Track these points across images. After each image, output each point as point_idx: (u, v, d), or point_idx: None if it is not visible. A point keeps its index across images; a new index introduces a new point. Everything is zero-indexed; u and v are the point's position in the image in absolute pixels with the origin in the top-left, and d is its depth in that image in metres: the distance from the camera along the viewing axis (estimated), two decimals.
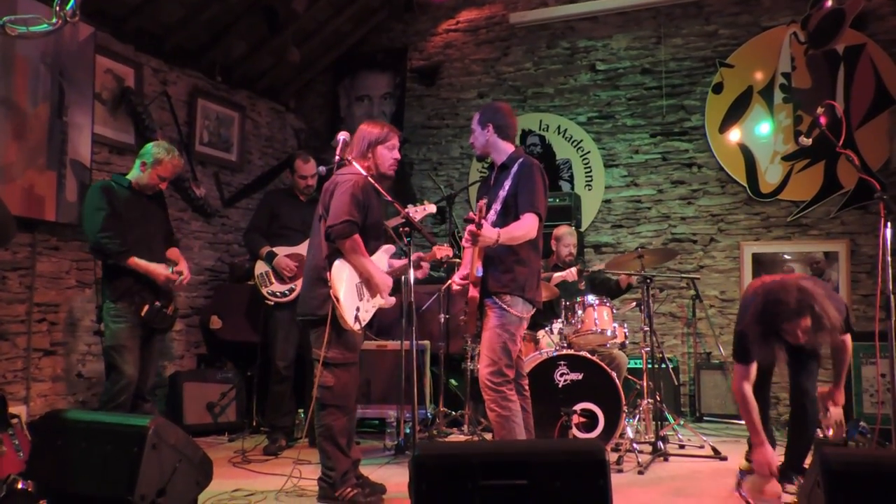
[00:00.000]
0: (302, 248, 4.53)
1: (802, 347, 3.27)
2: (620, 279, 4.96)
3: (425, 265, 3.46)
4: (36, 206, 4.24)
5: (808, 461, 3.36)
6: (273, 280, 4.67)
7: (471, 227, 3.03)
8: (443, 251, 3.59)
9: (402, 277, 3.54)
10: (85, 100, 4.59)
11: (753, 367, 3.25)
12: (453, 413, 4.79)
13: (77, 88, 4.52)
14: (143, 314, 3.72)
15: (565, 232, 5.14)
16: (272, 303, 4.65)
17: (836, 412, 3.45)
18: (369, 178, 3.23)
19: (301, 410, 4.86)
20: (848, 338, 3.36)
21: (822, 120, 3.49)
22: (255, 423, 5.06)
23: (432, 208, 3.98)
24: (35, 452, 2.92)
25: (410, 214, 3.40)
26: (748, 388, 3.22)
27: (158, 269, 3.76)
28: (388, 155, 3.34)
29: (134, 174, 3.87)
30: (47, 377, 4.41)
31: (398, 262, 3.44)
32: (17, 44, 4.08)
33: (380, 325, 5.21)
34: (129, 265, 3.68)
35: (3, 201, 3.88)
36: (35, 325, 4.33)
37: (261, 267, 4.72)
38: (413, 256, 3.26)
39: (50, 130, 4.35)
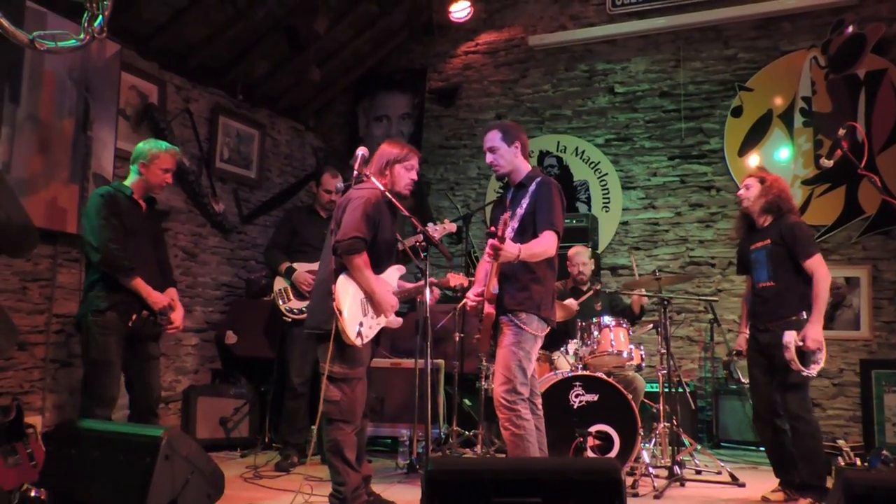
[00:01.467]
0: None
1: (772, 362, 3.69)
2: (633, 302, 4.92)
3: (436, 291, 3.43)
4: (58, 219, 4.29)
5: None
6: (291, 296, 4.69)
7: (493, 241, 3.02)
8: (457, 279, 3.58)
9: (417, 299, 3.53)
10: (109, 115, 4.67)
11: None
12: (466, 433, 4.75)
13: (102, 104, 4.60)
14: (130, 324, 3.52)
15: (576, 251, 5.13)
16: (290, 319, 4.66)
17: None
18: (386, 193, 3.24)
19: (314, 427, 4.83)
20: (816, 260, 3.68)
21: (845, 144, 3.46)
22: (267, 440, 5.05)
23: (452, 227, 3.99)
24: (49, 461, 2.93)
25: (430, 233, 3.41)
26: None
27: (159, 299, 3.59)
28: (406, 175, 3.36)
29: (133, 180, 3.68)
30: (63, 388, 4.44)
31: (409, 285, 3.43)
32: (45, 59, 4.17)
33: (394, 344, 5.20)
34: (131, 285, 3.51)
35: (27, 212, 3.94)
36: (53, 335, 4.36)
37: (280, 283, 4.74)
38: (428, 282, 3.24)
39: (74, 144, 4.42)
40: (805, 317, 3.65)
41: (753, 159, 5.81)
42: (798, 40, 5.81)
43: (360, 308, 3.19)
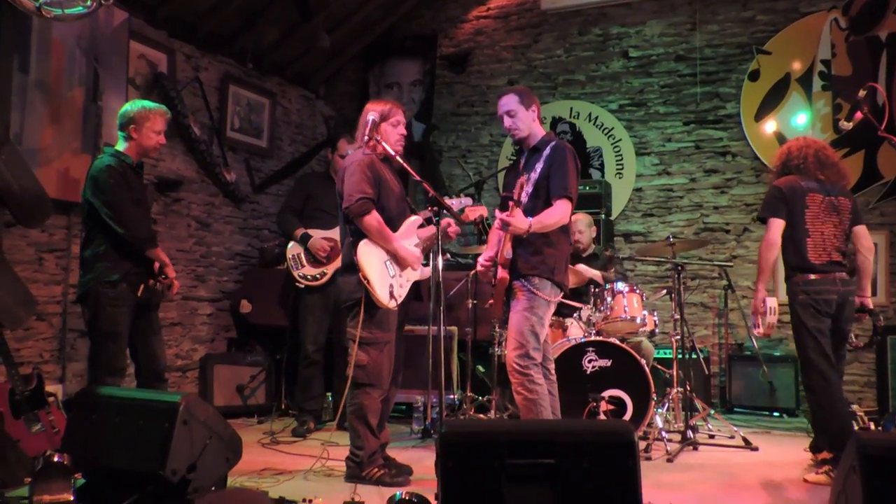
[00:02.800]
0: (335, 233, 4.54)
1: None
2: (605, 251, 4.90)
3: (454, 227, 3.40)
4: (71, 189, 4.31)
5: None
6: (305, 263, 4.69)
7: (504, 215, 3.03)
8: (476, 211, 3.55)
9: (430, 261, 3.53)
10: (119, 84, 4.65)
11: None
12: (480, 398, 4.79)
13: (111, 73, 4.58)
14: (139, 294, 3.48)
15: (576, 218, 5.03)
16: (303, 286, 4.67)
17: (772, 319, 3.69)
18: (397, 157, 3.24)
19: (329, 394, 4.89)
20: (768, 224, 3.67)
21: (866, 106, 3.39)
22: (283, 406, 5.11)
23: (468, 201, 3.95)
24: (70, 428, 2.98)
25: (441, 198, 3.39)
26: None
27: (170, 268, 3.54)
28: (393, 131, 3.34)
29: (127, 145, 3.52)
30: (82, 357, 4.49)
31: (426, 232, 3.42)
32: (53, 27, 4.15)
33: (408, 311, 5.21)
34: (154, 255, 3.48)
35: (40, 182, 3.97)
36: (70, 306, 4.40)
37: (294, 249, 4.74)
38: (442, 223, 3.24)
39: (85, 114, 4.42)
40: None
41: (770, 125, 5.72)
42: (818, 1, 5.67)
43: (385, 271, 3.22)
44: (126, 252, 3.46)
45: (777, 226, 3.64)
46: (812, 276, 3.59)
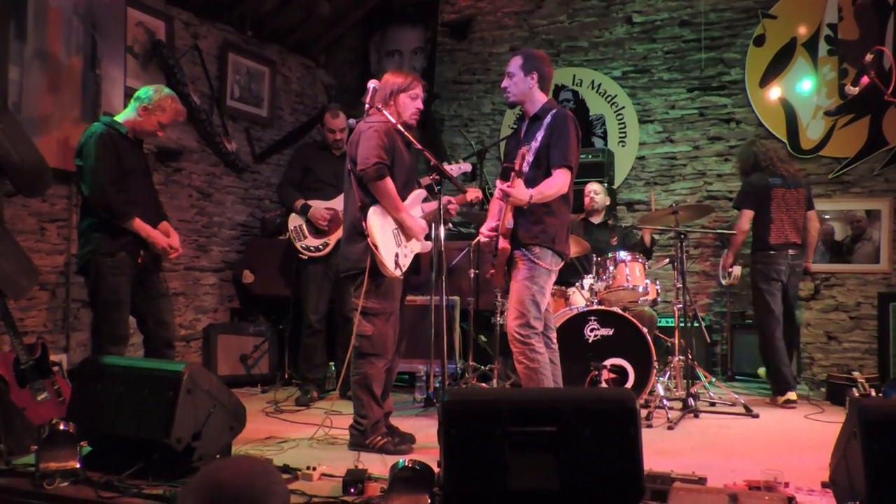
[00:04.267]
0: (335, 203, 4.53)
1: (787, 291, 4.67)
2: (643, 235, 4.92)
3: (454, 206, 3.42)
4: (71, 159, 4.24)
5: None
6: (307, 234, 4.69)
7: (504, 186, 3.02)
8: (473, 192, 3.56)
9: (432, 231, 3.53)
10: (117, 53, 4.60)
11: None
12: (482, 367, 4.81)
13: (109, 41, 4.53)
14: (140, 262, 3.51)
15: (591, 186, 5.21)
16: (306, 257, 4.67)
17: (737, 271, 4.88)
18: (398, 126, 3.21)
19: (332, 363, 4.92)
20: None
21: (871, 70, 3.34)
22: (287, 376, 5.15)
23: (467, 167, 3.95)
24: (75, 397, 3.00)
25: (443, 167, 3.39)
26: None
27: (160, 237, 3.55)
28: (411, 104, 3.31)
29: (128, 117, 3.56)
30: (86, 327, 4.51)
31: (429, 206, 3.43)
32: None
33: (410, 281, 5.21)
34: (131, 227, 3.45)
35: (40, 152, 3.94)
36: (74, 275, 4.41)
37: (295, 220, 4.73)
38: (443, 200, 3.24)
39: (83, 83, 4.38)
40: None
41: (775, 91, 5.65)
42: None
43: (393, 239, 3.22)
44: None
45: (747, 216, 4.71)
46: (770, 253, 4.62)
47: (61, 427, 2.65)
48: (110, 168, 3.41)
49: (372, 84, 3.29)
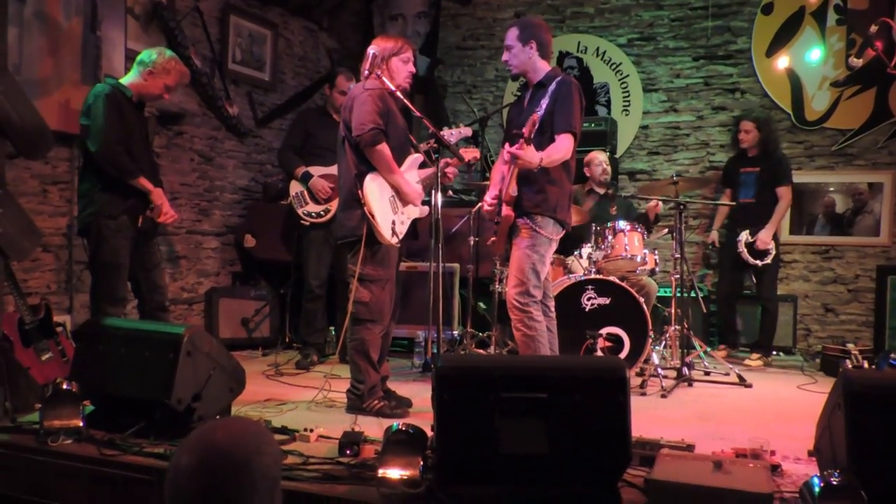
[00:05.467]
0: (335, 169, 4.53)
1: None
2: (648, 209, 4.92)
3: (451, 169, 3.43)
4: (73, 121, 4.26)
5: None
6: (308, 200, 4.71)
7: (513, 148, 3.02)
8: (470, 153, 3.54)
9: (431, 198, 3.54)
10: (117, 14, 4.56)
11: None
12: (481, 334, 4.87)
13: (109, 3, 4.49)
14: (140, 225, 3.57)
15: (594, 154, 5.14)
16: (307, 223, 4.70)
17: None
18: (397, 93, 3.20)
19: (332, 328, 4.98)
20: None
21: (878, 43, 3.31)
22: (287, 339, 5.21)
23: (467, 131, 3.94)
24: (78, 357, 3.06)
25: (445, 137, 3.39)
26: None
27: (162, 196, 3.59)
28: (403, 67, 3.31)
29: (133, 80, 3.59)
30: (89, 288, 4.56)
31: (426, 172, 3.44)
32: None
33: (410, 247, 5.25)
34: (137, 184, 3.51)
35: (40, 114, 3.94)
36: (76, 237, 4.44)
37: (296, 187, 4.75)
38: (440, 163, 3.25)
39: (84, 45, 4.35)
40: None
41: (782, 60, 5.59)
42: None
43: (389, 206, 3.24)
44: (122, 184, 3.50)
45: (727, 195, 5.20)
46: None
47: (65, 386, 2.71)
48: (116, 128, 3.45)
49: (372, 50, 3.27)
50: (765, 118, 5.27)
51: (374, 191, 3.19)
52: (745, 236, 4.90)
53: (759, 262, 4.88)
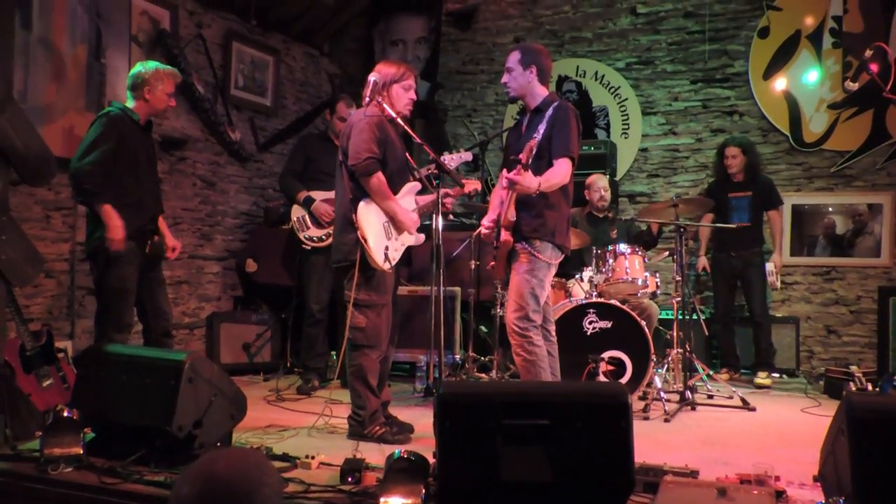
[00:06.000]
0: None
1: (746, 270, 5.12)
2: (651, 225, 4.94)
3: (450, 199, 3.43)
4: (76, 147, 4.31)
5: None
6: (310, 225, 4.73)
7: (511, 175, 3.03)
8: (471, 185, 3.57)
9: (431, 223, 3.55)
10: (122, 42, 4.62)
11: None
12: (482, 358, 4.85)
13: (114, 30, 4.55)
14: (147, 251, 3.58)
15: (595, 178, 5.13)
16: (309, 247, 4.72)
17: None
18: (397, 120, 3.23)
19: (333, 353, 4.97)
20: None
21: (873, 66, 3.35)
22: (289, 364, 5.20)
23: (468, 156, 3.96)
24: (79, 384, 3.05)
25: (445, 162, 3.41)
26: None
27: (120, 229, 3.40)
28: (404, 95, 3.34)
29: (137, 104, 3.57)
30: (91, 314, 4.56)
31: (426, 198, 3.45)
32: None
33: (411, 271, 5.26)
34: (101, 211, 3.40)
35: (44, 141, 3.97)
36: (79, 263, 4.46)
37: (298, 211, 4.77)
38: (440, 192, 3.27)
39: (88, 72, 4.41)
40: None
41: (780, 82, 5.63)
42: None
43: (383, 232, 3.24)
44: (136, 210, 3.51)
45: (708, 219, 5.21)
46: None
47: (65, 414, 2.70)
48: (107, 150, 3.42)
49: (372, 77, 3.30)
50: (749, 143, 5.31)
51: (368, 216, 3.20)
52: (771, 267, 5.13)
53: (779, 285, 5.21)
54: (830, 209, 5.54)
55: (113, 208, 3.42)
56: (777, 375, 5.15)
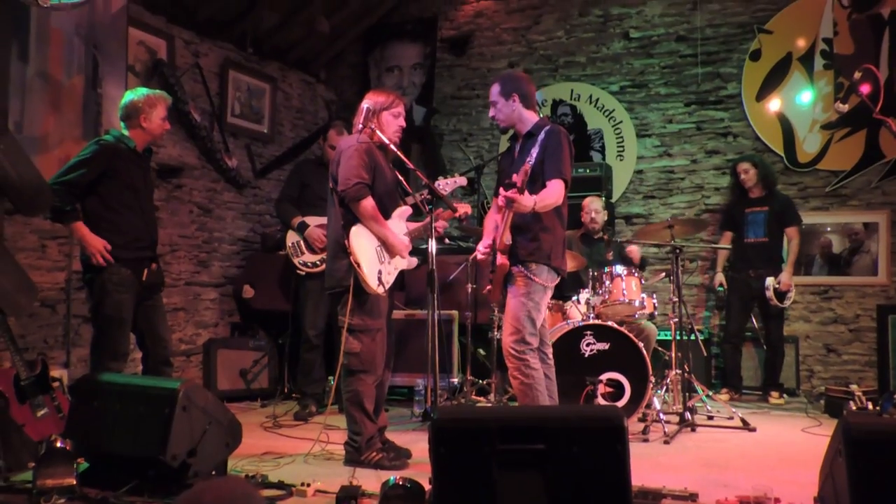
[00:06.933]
0: None
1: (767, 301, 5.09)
2: (631, 256, 4.97)
3: (441, 223, 3.43)
4: None
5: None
6: (304, 250, 4.73)
7: (509, 193, 3.03)
8: (463, 207, 3.58)
9: (427, 248, 3.55)
10: (118, 72, 4.66)
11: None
12: (480, 381, 4.83)
13: (110, 60, 4.59)
14: (144, 279, 3.55)
15: (588, 201, 5.16)
16: (303, 273, 4.72)
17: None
18: (390, 146, 3.26)
19: (331, 378, 4.94)
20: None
21: (862, 88, 3.38)
22: (286, 390, 5.17)
23: (462, 181, 3.97)
24: (72, 414, 3.03)
25: (440, 187, 3.43)
26: None
27: (97, 245, 3.42)
28: (394, 122, 3.37)
29: (133, 133, 3.58)
30: (86, 342, 4.54)
31: (416, 224, 3.46)
32: (51, 16, 4.16)
33: (409, 295, 5.25)
34: (69, 228, 3.43)
35: (40, 171, 3.99)
36: (74, 292, 4.45)
37: (292, 237, 4.78)
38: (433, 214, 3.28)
39: (85, 102, 4.44)
40: None
41: (773, 104, 5.67)
42: None
43: (376, 257, 3.25)
44: (131, 238, 3.51)
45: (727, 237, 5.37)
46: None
47: (58, 444, 2.67)
48: (84, 174, 3.42)
49: (365, 104, 3.33)
50: (759, 157, 5.39)
51: (360, 241, 3.21)
52: (771, 281, 5.04)
53: (781, 304, 5.07)
54: (827, 228, 5.55)
55: (83, 225, 3.44)
56: (786, 396, 5.15)
